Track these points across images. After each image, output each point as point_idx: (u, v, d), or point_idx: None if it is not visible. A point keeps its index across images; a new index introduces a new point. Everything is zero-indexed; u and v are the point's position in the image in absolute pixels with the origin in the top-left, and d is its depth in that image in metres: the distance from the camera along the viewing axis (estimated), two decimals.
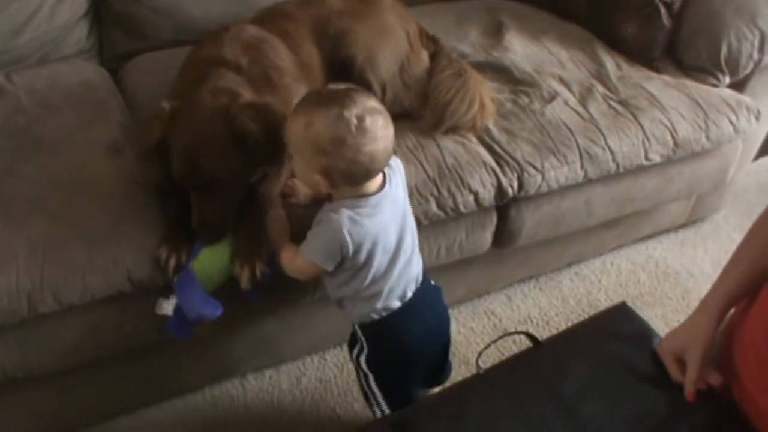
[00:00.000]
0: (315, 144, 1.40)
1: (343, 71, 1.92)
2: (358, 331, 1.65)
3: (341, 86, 1.48)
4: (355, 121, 1.38)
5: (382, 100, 1.95)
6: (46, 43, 2.04)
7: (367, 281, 1.54)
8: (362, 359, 1.67)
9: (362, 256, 1.50)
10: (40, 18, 2.00)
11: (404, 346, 1.65)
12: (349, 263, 1.51)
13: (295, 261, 1.55)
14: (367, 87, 1.93)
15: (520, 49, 2.30)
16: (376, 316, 1.60)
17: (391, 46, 1.99)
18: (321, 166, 1.42)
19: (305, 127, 1.40)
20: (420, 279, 1.65)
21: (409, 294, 1.62)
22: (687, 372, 1.33)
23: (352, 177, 1.44)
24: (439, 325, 1.73)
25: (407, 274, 1.60)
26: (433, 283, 1.74)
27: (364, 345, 1.65)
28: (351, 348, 1.72)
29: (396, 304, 1.60)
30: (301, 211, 1.67)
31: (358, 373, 1.73)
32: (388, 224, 1.52)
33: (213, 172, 1.54)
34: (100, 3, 2.12)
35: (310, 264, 1.52)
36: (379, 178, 1.51)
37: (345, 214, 1.46)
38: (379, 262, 1.53)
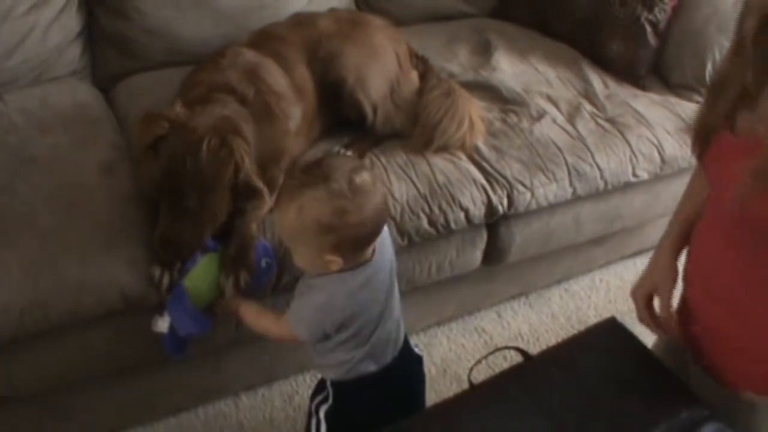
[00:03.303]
0: (317, 225, 1.32)
1: (334, 93, 1.94)
2: (328, 384, 1.59)
3: (312, 162, 1.43)
4: (346, 185, 1.32)
5: (373, 121, 1.98)
6: (39, 64, 2.05)
7: (347, 351, 1.51)
8: (323, 410, 1.60)
9: (349, 331, 1.46)
10: (32, 39, 2.01)
11: (370, 411, 1.58)
12: (335, 337, 1.47)
13: (276, 329, 1.55)
14: (358, 108, 1.96)
15: (508, 69, 2.32)
16: (350, 377, 1.55)
17: (381, 67, 2.01)
18: (331, 244, 1.34)
19: (298, 213, 1.33)
20: (400, 344, 1.60)
21: (388, 359, 1.57)
22: (659, 311, 1.43)
23: (362, 240, 1.39)
24: (411, 394, 1.69)
25: (389, 340, 1.55)
26: (417, 351, 1.69)
27: (330, 398, 1.59)
28: (315, 394, 1.64)
29: (372, 368, 1.54)
30: None
31: (310, 418, 1.64)
32: (377, 294, 1.48)
33: (189, 191, 1.54)
34: (92, 24, 2.14)
35: (292, 336, 1.50)
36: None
37: (334, 289, 1.41)
38: (362, 330, 1.48)
